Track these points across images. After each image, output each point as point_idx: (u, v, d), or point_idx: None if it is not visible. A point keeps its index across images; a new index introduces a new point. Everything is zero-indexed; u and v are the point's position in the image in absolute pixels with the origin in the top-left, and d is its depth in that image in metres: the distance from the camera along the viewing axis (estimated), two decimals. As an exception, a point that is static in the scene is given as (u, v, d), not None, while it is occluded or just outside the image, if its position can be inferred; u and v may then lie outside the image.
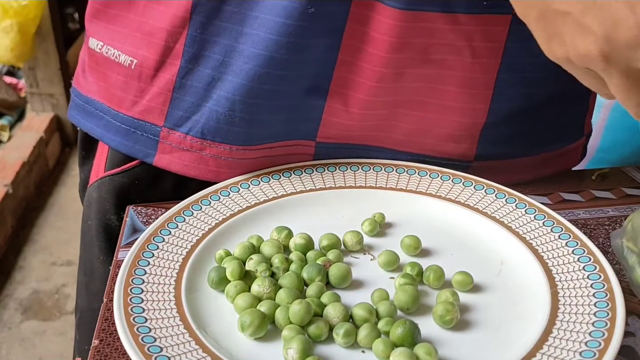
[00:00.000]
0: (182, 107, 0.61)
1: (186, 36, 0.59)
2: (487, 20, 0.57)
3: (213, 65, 0.59)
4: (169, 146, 0.62)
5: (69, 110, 0.70)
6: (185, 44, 0.59)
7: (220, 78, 0.59)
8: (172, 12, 0.59)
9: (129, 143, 0.64)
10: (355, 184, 0.62)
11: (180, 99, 0.61)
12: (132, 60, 0.62)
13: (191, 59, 0.59)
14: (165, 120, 0.62)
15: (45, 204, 2.25)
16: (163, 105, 0.61)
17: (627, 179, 0.69)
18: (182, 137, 0.62)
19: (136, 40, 0.61)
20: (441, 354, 0.45)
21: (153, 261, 0.51)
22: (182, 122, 0.61)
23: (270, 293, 0.49)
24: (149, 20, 0.60)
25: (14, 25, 2.16)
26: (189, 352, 0.43)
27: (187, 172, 0.63)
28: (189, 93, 0.61)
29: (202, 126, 0.61)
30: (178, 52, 0.60)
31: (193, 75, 0.60)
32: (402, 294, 0.48)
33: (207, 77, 0.60)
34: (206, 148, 0.61)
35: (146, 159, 0.63)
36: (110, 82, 0.64)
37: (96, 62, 0.66)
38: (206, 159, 0.62)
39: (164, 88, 0.61)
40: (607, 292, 0.48)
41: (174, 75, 0.60)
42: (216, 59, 0.59)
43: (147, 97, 0.62)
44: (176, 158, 0.62)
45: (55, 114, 2.49)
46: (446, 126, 0.63)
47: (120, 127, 0.64)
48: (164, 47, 0.60)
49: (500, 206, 0.58)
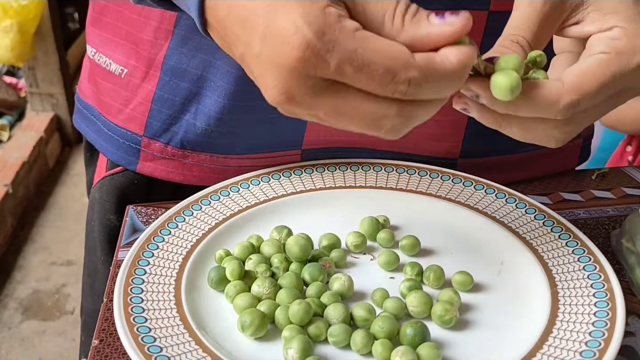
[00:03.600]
0: (159, 118, 0.62)
1: (167, 48, 0.60)
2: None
3: (191, 79, 0.60)
4: (151, 154, 0.64)
5: (74, 114, 0.72)
6: (166, 56, 0.60)
7: (198, 92, 0.60)
8: (155, 24, 0.60)
9: (112, 149, 0.65)
10: (355, 184, 0.62)
11: (158, 110, 0.62)
12: (123, 70, 0.63)
13: (170, 70, 0.60)
14: (144, 130, 0.63)
15: (45, 204, 2.25)
16: (142, 115, 0.63)
17: (627, 179, 0.69)
18: (162, 146, 0.63)
19: (126, 49, 0.63)
20: (441, 354, 0.45)
21: (153, 261, 0.51)
22: (161, 133, 0.63)
23: (270, 293, 0.49)
24: (136, 30, 0.62)
25: (14, 25, 2.16)
26: (189, 352, 0.43)
27: (172, 178, 0.64)
28: (166, 105, 0.62)
29: (182, 138, 0.62)
30: (159, 64, 0.61)
31: (172, 88, 0.61)
32: (414, 299, 0.48)
33: (185, 90, 0.60)
34: (188, 157, 0.63)
35: (129, 167, 0.65)
36: (100, 89, 0.66)
37: (90, 68, 0.68)
38: (189, 165, 0.63)
39: (145, 98, 0.62)
40: (607, 292, 0.48)
41: (154, 86, 0.62)
42: (195, 73, 0.59)
43: (130, 106, 0.63)
44: (160, 165, 0.64)
45: (55, 113, 2.49)
46: (427, 125, 0.63)
47: (107, 134, 0.65)
48: (147, 58, 0.61)
49: (500, 206, 0.58)
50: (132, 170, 0.65)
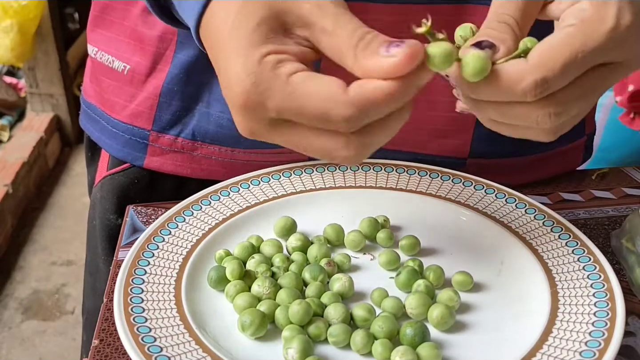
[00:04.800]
0: (169, 111, 0.62)
1: (176, 42, 0.60)
2: (471, 10, 0.57)
3: (202, 70, 0.60)
4: (159, 149, 0.64)
5: (79, 115, 0.72)
6: (176, 50, 0.61)
7: (209, 82, 0.61)
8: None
9: (118, 146, 0.65)
10: (355, 184, 0.62)
11: (167, 104, 0.62)
12: (125, 66, 0.64)
13: (180, 63, 0.61)
14: (153, 124, 0.63)
15: (45, 204, 2.25)
16: (150, 109, 0.63)
17: (627, 179, 0.69)
18: (172, 139, 0.63)
19: (130, 46, 0.63)
20: (441, 354, 0.45)
21: (153, 261, 0.51)
22: (172, 125, 0.63)
23: (270, 293, 0.49)
24: (142, 27, 0.62)
25: (14, 25, 2.16)
26: (189, 352, 0.43)
27: (179, 171, 0.64)
28: (177, 97, 0.62)
29: (194, 128, 0.62)
30: (168, 59, 0.61)
31: (182, 80, 0.61)
32: (414, 300, 0.48)
33: (197, 81, 0.61)
34: (197, 149, 0.63)
35: (135, 162, 0.65)
36: (103, 87, 0.66)
37: (93, 68, 0.68)
38: (198, 158, 0.64)
39: (152, 93, 0.63)
40: (607, 292, 0.48)
41: (161, 80, 0.62)
42: (204, 63, 0.60)
43: (135, 102, 0.64)
44: (168, 159, 0.64)
45: (55, 114, 2.49)
46: (436, 122, 0.63)
47: (112, 131, 0.66)
48: (154, 54, 0.62)
49: (500, 206, 0.58)
50: (139, 165, 0.65)
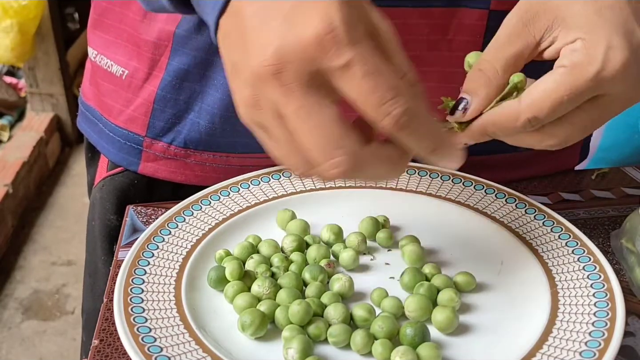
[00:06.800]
0: (162, 118, 0.62)
1: (170, 49, 0.60)
2: (462, 14, 0.58)
3: (195, 79, 0.60)
4: (153, 155, 0.64)
5: (77, 117, 0.72)
6: (170, 57, 0.61)
7: (201, 91, 0.60)
8: (159, 25, 0.60)
9: (114, 150, 0.66)
10: (355, 184, 0.62)
11: (160, 110, 0.62)
12: (124, 71, 0.64)
13: (174, 71, 0.61)
14: (147, 131, 0.63)
15: (45, 204, 2.25)
16: (144, 115, 0.63)
17: (626, 178, 0.69)
18: (165, 146, 0.63)
19: (127, 50, 0.63)
20: (441, 354, 0.45)
21: (153, 261, 0.51)
22: (164, 133, 0.63)
23: (270, 293, 0.49)
24: (138, 32, 0.62)
25: (14, 25, 2.16)
26: (189, 352, 0.43)
27: (173, 178, 0.64)
28: (169, 105, 0.62)
29: (185, 137, 0.62)
30: (162, 65, 0.61)
31: (175, 88, 0.61)
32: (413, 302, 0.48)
33: (189, 89, 0.61)
34: (190, 156, 0.63)
35: (130, 167, 0.65)
36: (102, 90, 0.67)
37: (92, 71, 0.68)
38: (191, 165, 0.64)
39: (146, 99, 0.63)
40: (607, 292, 0.48)
41: (155, 86, 0.62)
42: (197, 72, 0.60)
43: (131, 107, 0.64)
44: (162, 165, 0.64)
45: (55, 114, 2.49)
46: None
47: (109, 135, 0.66)
48: (151, 59, 0.62)
49: (500, 206, 0.58)
50: (134, 171, 0.65)
